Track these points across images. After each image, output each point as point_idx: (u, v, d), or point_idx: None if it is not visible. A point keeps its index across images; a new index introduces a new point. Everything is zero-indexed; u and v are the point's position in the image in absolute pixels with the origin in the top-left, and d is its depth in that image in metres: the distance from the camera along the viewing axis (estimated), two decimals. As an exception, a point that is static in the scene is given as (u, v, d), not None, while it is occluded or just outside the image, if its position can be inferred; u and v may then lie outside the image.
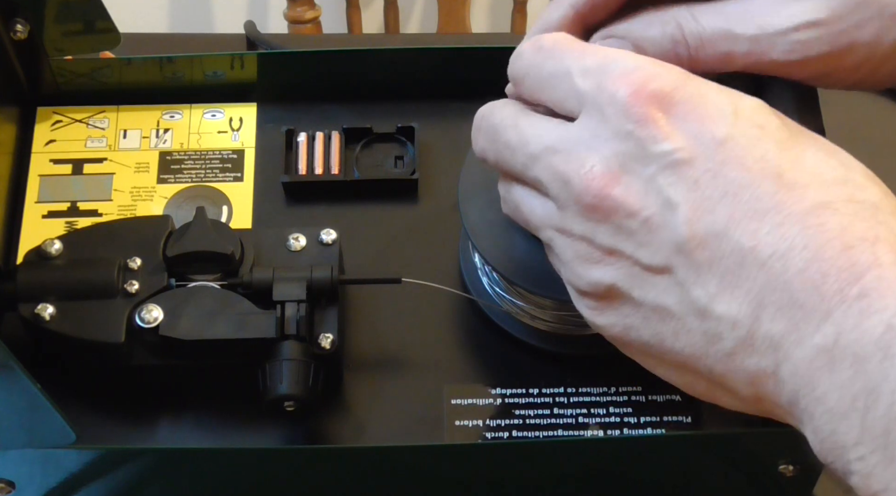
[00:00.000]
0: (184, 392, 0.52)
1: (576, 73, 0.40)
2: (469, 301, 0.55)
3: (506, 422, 0.52)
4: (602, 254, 0.39)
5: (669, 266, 0.37)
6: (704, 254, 0.36)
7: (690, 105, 0.38)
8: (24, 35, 0.56)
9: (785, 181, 0.36)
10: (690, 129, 0.37)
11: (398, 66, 0.61)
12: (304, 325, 0.49)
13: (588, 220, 0.39)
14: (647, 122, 0.37)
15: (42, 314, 0.49)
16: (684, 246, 0.37)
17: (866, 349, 0.33)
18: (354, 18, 1.38)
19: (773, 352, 0.35)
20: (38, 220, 0.57)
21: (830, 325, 0.34)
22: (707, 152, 0.37)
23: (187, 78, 0.60)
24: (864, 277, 0.34)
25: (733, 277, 0.36)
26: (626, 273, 0.39)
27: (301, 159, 0.58)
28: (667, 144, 0.37)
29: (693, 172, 0.37)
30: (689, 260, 0.37)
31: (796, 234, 0.35)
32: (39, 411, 0.45)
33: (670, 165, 0.37)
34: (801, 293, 0.34)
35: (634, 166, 0.38)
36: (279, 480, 0.52)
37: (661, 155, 0.37)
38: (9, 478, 0.50)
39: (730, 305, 0.36)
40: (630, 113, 0.38)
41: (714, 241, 0.36)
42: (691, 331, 0.37)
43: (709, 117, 0.37)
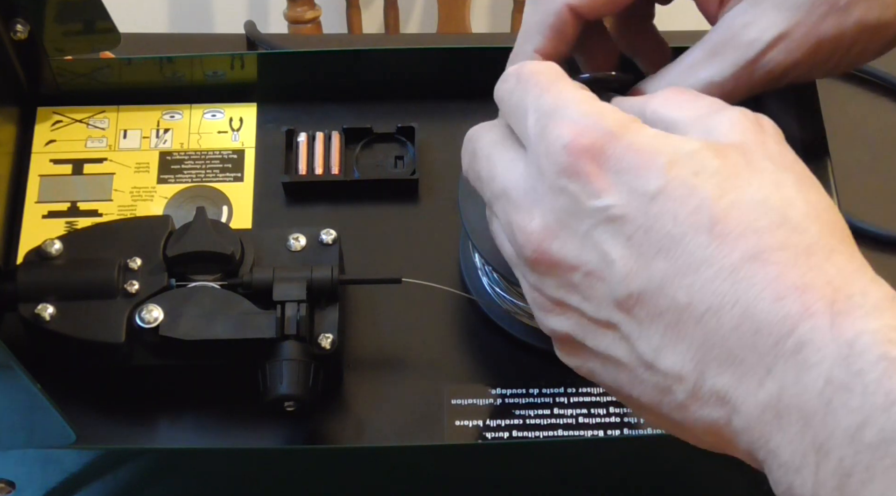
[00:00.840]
0: (184, 392, 0.52)
1: (530, 111, 0.40)
2: (469, 301, 0.55)
3: (506, 422, 0.52)
4: (553, 305, 0.39)
5: (613, 321, 0.37)
6: (644, 310, 0.36)
7: (624, 158, 0.37)
8: (24, 35, 0.56)
9: (716, 232, 0.35)
10: (624, 183, 0.37)
11: (398, 66, 0.61)
12: (304, 325, 0.49)
13: (534, 272, 0.39)
14: (580, 176, 0.37)
15: (42, 314, 0.49)
16: (624, 303, 0.37)
17: (809, 405, 0.32)
18: (354, 18, 1.38)
19: (722, 405, 0.35)
20: (38, 220, 0.57)
21: (772, 381, 0.33)
22: (640, 207, 0.36)
23: (187, 78, 0.60)
24: (798, 329, 0.33)
25: (673, 333, 0.36)
26: (577, 323, 0.39)
27: (301, 159, 0.58)
28: (600, 200, 0.37)
29: (627, 228, 0.36)
30: (630, 316, 0.37)
31: (727, 290, 0.35)
32: (39, 411, 0.45)
33: (605, 221, 0.37)
34: (738, 350, 0.34)
35: (570, 221, 0.38)
36: (279, 480, 0.52)
37: (595, 211, 0.37)
38: (9, 478, 0.50)
39: (674, 360, 0.36)
40: (564, 167, 0.38)
41: (651, 298, 0.36)
42: (644, 382, 0.37)
43: (642, 170, 0.37)
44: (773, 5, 0.45)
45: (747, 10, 0.46)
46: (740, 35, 0.46)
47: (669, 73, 0.47)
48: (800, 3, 0.45)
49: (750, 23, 0.46)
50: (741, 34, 0.46)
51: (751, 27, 0.46)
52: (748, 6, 0.46)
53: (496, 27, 1.60)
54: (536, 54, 0.47)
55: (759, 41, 0.45)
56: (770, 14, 0.45)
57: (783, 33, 0.45)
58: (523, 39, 0.48)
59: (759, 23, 0.45)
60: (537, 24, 0.48)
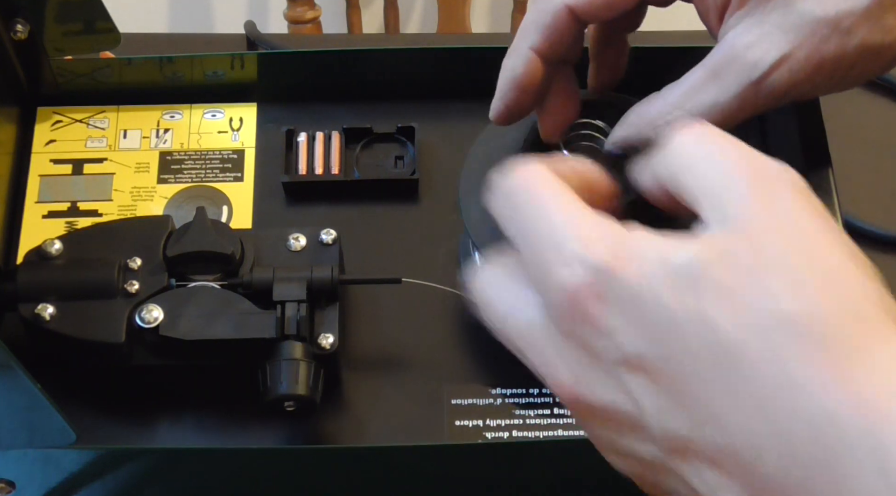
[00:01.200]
0: (184, 392, 0.52)
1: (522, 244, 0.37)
2: (469, 301, 0.54)
3: (506, 422, 0.52)
4: (611, 450, 0.38)
5: (664, 461, 0.35)
6: (679, 458, 0.34)
7: (623, 293, 0.34)
8: (24, 35, 0.56)
9: (734, 376, 0.32)
10: (631, 319, 0.34)
11: (398, 66, 0.61)
12: (304, 325, 0.49)
13: (583, 421, 0.37)
14: (586, 319, 0.35)
15: (42, 314, 0.49)
16: (670, 448, 0.35)
17: None
18: (354, 18, 1.38)
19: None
20: (38, 220, 0.57)
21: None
22: (657, 350, 0.34)
23: (187, 78, 0.60)
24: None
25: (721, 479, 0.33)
26: (639, 465, 0.37)
27: (301, 159, 0.58)
28: (611, 340, 0.34)
29: (646, 364, 0.34)
30: (671, 460, 0.35)
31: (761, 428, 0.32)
32: (39, 411, 0.45)
33: (621, 361, 0.34)
34: (789, 489, 0.31)
35: (591, 365, 0.35)
36: (279, 480, 0.52)
37: (608, 350, 0.35)
38: (9, 478, 0.50)
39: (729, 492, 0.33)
40: (567, 312, 0.35)
41: (689, 446, 0.34)
42: None
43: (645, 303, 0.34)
44: (775, 26, 0.45)
45: (750, 30, 0.46)
46: (743, 56, 0.45)
47: (671, 94, 0.47)
48: (803, 25, 0.45)
49: (752, 44, 0.45)
50: (744, 55, 0.45)
51: (753, 48, 0.45)
52: (750, 26, 0.46)
53: (496, 27, 1.60)
54: (532, 52, 0.48)
55: (762, 62, 0.45)
56: (773, 35, 0.45)
57: (786, 55, 0.45)
58: (521, 36, 0.48)
59: (762, 44, 0.45)
60: (535, 23, 0.48)
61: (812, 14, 0.45)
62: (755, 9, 0.46)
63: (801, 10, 0.45)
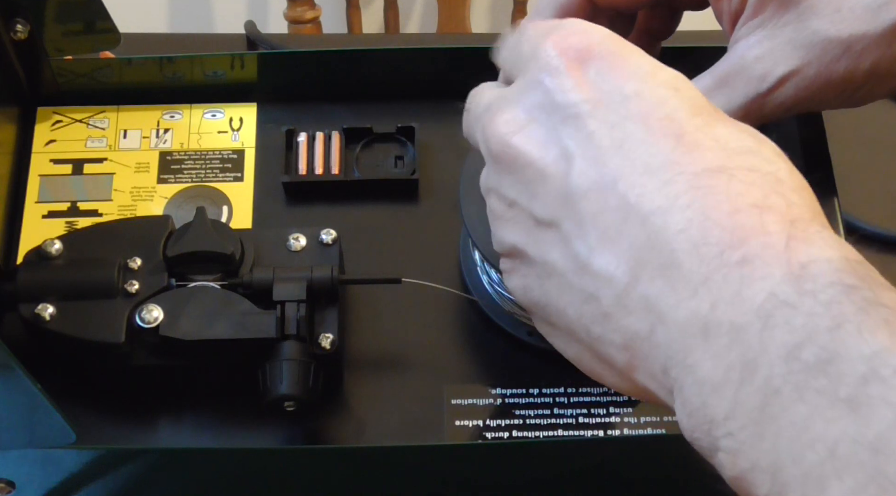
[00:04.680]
0: (184, 392, 0.52)
1: (525, 39, 0.40)
2: (469, 301, 0.55)
3: (506, 422, 0.52)
4: (506, 208, 0.39)
5: (557, 219, 0.37)
6: (589, 206, 0.36)
7: (607, 61, 0.37)
8: (24, 35, 0.56)
9: (685, 142, 0.35)
10: (601, 83, 0.37)
11: (398, 66, 0.61)
12: (304, 325, 0.49)
13: (497, 172, 0.39)
14: (560, 72, 0.37)
15: (42, 314, 0.49)
16: (571, 197, 0.36)
17: (744, 318, 0.31)
18: (354, 18, 1.38)
19: (647, 313, 0.34)
20: (38, 220, 0.57)
21: (708, 290, 0.32)
22: (611, 105, 0.36)
23: (187, 78, 0.60)
24: (748, 243, 0.32)
25: (614, 232, 0.35)
26: (524, 229, 0.39)
27: (301, 159, 0.58)
28: (572, 95, 0.37)
29: (593, 124, 0.36)
30: (574, 212, 0.36)
31: (683, 192, 0.34)
32: (39, 411, 0.45)
33: (573, 116, 0.37)
34: (679, 253, 0.33)
35: (540, 115, 0.38)
36: (279, 480, 0.52)
37: (565, 105, 0.37)
38: (9, 478, 0.50)
39: (608, 261, 0.35)
40: (546, 65, 0.38)
41: (600, 194, 0.35)
42: (572, 288, 0.37)
43: (622, 73, 0.37)
44: (787, 41, 0.45)
45: (761, 42, 0.46)
46: (752, 68, 0.46)
47: None
48: (814, 43, 0.45)
49: (762, 56, 0.46)
50: (753, 67, 0.46)
51: (763, 61, 0.46)
52: (762, 38, 0.46)
53: (496, 27, 1.60)
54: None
55: (770, 76, 0.45)
56: (784, 50, 0.45)
57: (795, 70, 0.45)
58: (535, 14, 0.49)
59: (772, 57, 0.45)
60: (550, 3, 0.48)
61: (825, 33, 0.45)
62: (768, 21, 0.46)
63: (815, 29, 0.45)
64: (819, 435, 0.29)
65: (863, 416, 0.29)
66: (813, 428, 0.29)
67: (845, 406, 0.29)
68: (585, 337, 0.37)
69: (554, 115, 0.37)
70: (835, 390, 0.29)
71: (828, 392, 0.29)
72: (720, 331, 0.32)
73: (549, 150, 0.37)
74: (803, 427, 0.30)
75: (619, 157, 0.35)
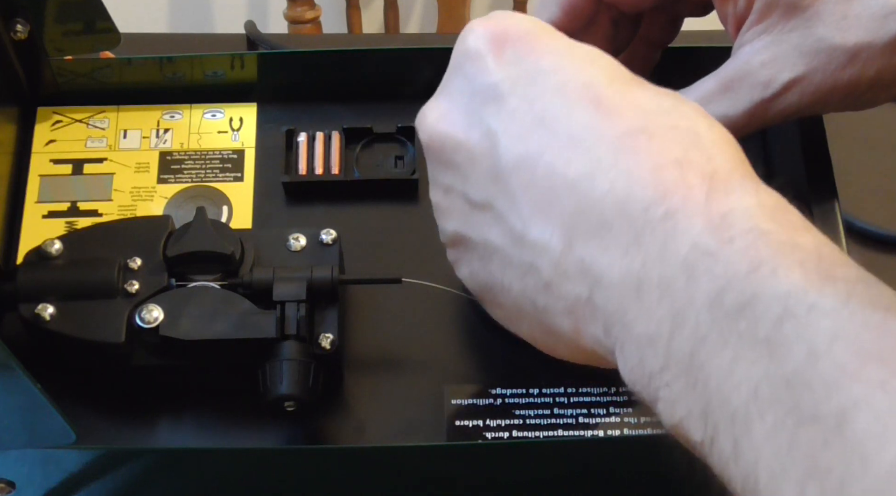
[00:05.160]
0: (184, 392, 0.52)
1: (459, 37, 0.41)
2: (469, 301, 0.54)
3: (506, 422, 0.52)
4: (443, 197, 0.40)
5: (489, 198, 0.38)
6: (518, 180, 0.36)
7: (523, 41, 0.38)
8: (24, 35, 0.56)
9: (604, 108, 0.36)
10: (518, 62, 0.38)
11: (398, 66, 0.61)
12: (304, 325, 0.49)
13: (431, 161, 0.40)
14: (477, 58, 0.39)
15: (42, 314, 0.49)
16: (500, 174, 0.37)
17: (671, 272, 0.32)
18: (354, 18, 1.38)
19: (584, 277, 0.35)
20: (38, 220, 0.57)
21: (638, 248, 0.33)
22: (530, 81, 0.37)
23: (187, 78, 0.60)
24: (671, 198, 0.33)
25: (545, 203, 0.36)
26: (461, 214, 0.39)
27: (301, 159, 0.58)
28: (491, 76, 0.38)
29: (513, 102, 0.37)
30: (505, 188, 0.37)
31: (605, 155, 0.35)
32: (39, 411, 0.45)
33: (493, 97, 0.38)
34: (608, 213, 0.34)
35: (462, 101, 0.39)
36: (279, 480, 0.52)
37: (485, 87, 0.38)
38: (9, 478, 0.50)
39: (543, 230, 0.36)
40: (465, 51, 0.39)
41: (527, 167, 0.36)
42: (512, 263, 0.37)
43: (538, 51, 0.38)
44: (792, 47, 0.45)
45: (767, 48, 0.46)
46: (756, 74, 0.46)
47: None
48: (820, 50, 0.45)
49: (767, 62, 0.45)
50: (757, 73, 0.46)
51: (768, 67, 0.45)
52: (768, 43, 0.46)
53: (496, 27, 1.60)
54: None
55: (775, 82, 0.45)
56: (789, 56, 0.45)
57: (800, 77, 0.45)
58: (540, 7, 0.49)
59: (777, 63, 0.45)
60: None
61: (831, 41, 0.45)
62: (774, 26, 0.46)
63: (821, 36, 0.45)
64: (743, 377, 0.30)
65: (779, 355, 0.29)
66: (737, 371, 0.30)
67: (764, 346, 0.30)
68: (532, 310, 0.38)
69: (475, 98, 0.38)
70: (754, 332, 0.30)
71: (748, 334, 0.30)
72: (651, 286, 0.33)
73: (474, 131, 0.38)
74: (729, 371, 0.30)
75: (542, 129, 0.36)
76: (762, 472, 0.29)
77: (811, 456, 0.28)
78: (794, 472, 0.28)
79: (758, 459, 0.29)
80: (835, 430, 0.28)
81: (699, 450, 0.33)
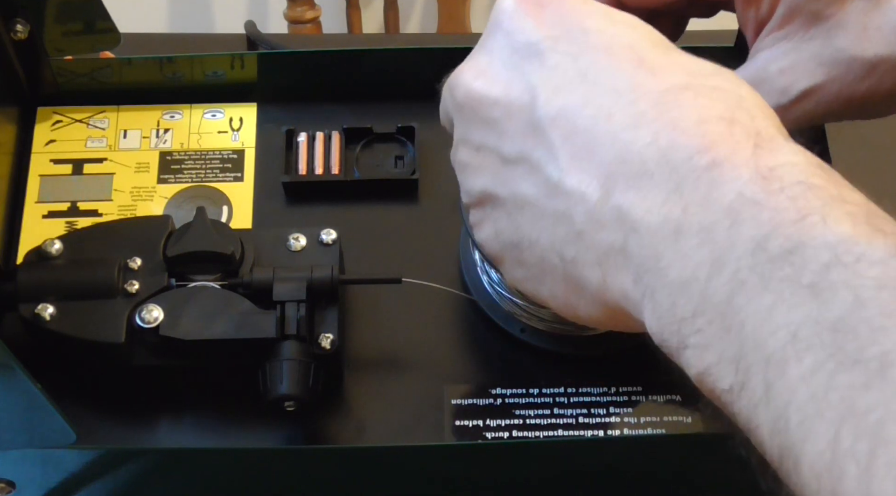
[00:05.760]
0: (184, 392, 0.52)
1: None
2: (469, 301, 0.55)
3: (506, 422, 0.52)
4: (474, 156, 0.40)
5: (526, 150, 0.38)
6: (557, 131, 0.37)
7: (564, 3, 0.39)
8: (24, 35, 0.56)
9: (647, 65, 0.36)
10: (559, 22, 0.38)
11: (398, 66, 0.61)
12: (304, 325, 0.49)
13: (464, 120, 0.40)
14: (518, 16, 0.39)
15: (42, 314, 0.49)
16: (539, 125, 0.37)
17: (713, 217, 0.32)
18: (354, 18, 1.38)
19: (620, 224, 0.35)
20: (38, 220, 0.57)
21: (679, 195, 0.33)
22: (572, 40, 0.38)
23: (187, 78, 0.60)
24: (716, 149, 0.33)
25: (585, 152, 0.36)
26: (492, 171, 0.39)
27: (301, 159, 0.58)
28: (533, 33, 0.38)
29: (555, 58, 0.37)
30: (543, 139, 0.37)
31: (649, 109, 0.35)
32: (39, 411, 0.45)
33: (535, 54, 0.38)
34: (650, 162, 0.34)
35: (502, 57, 0.39)
36: (279, 480, 0.52)
37: (526, 43, 0.38)
38: (9, 478, 0.50)
39: (580, 179, 0.36)
40: (504, 11, 0.39)
41: (567, 119, 0.36)
42: (544, 213, 0.37)
43: (580, 13, 0.38)
44: (811, 56, 0.45)
45: (786, 55, 0.46)
46: (774, 80, 0.46)
47: None
48: (839, 61, 0.45)
49: (785, 69, 0.45)
50: (775, 79, 0.46)
51: (786, 74, 0.45)
52: (787, 50, 0.46)
53: (496, 27, 1.60)
54: None
55: (791, 90, 0.45)
56: (807, 65, 0.45)
57: (817, 87, 0.45)
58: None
59: (795, 71, 0.45)
60: None
61: (850, 52, 0.45)
62: (794, 34, 0.46)
63: (841, 47, 0.45)
64: (782, 321, 0.30)
65: (824, 300, 0.30)
66: (776, 314, 0.30)
67: (808, 291, 0.30)
68: (559, 263, 0.38)
69: (515, 55, 0.38)
70: (798, 277, 0.30)
71: (792, 279, 0.30)
72: (690, 232, 0.33)
73: (514, 86, 0.38)
74: (767, 315, 0.31)
75: (585, 83, 0.36)
76: (794, 415, 0.30)
77: (849, 398, 0.28)
78: (830, 413, 0.29)
79: (790, 401, 0.30)
80: (877, 374, 0.28)
81: (724, 398, 0.32)
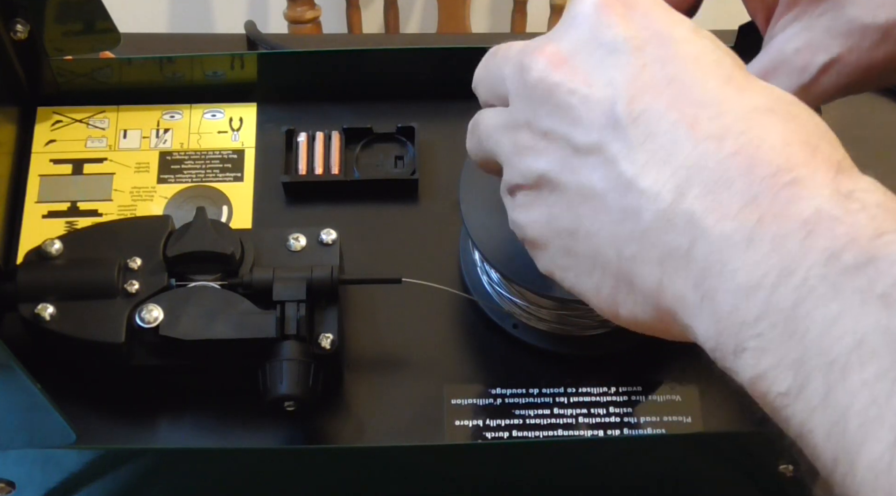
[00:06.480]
0: (184, 392, 0.52)
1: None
2: (469, 301, 0.55)
3: (506, 422, 0.52)
4: (538, 139, 0.40)
5: (601, 142, 0.37)
6: (638, 131, 0.37)
7: (652, 9, 0.39)
8: (24, 35, 0.56)
9: (734, 83, 0.37)
10: (648, 25, 0.38)
11: (398, 66, 0.61)
12: (304, 325, 0.49)
13: (532, 102, 0.40)
14: (606, 12, 0.39)
15: (42, 314, 0.49)
16: (620, 121, 0.37)
17: (788, 228, 0.33)
18: (354, 18, 1.38)
19: (690, 228, 0.35)
20: (38, 220, 0.57)
21: (756, 206, 0.34)
22: (661, 45, 0.38)
23: (187, 78, 0.60)
24: (800, 169, 0.34)
25: (665, 154, 0.36)
26: (558, 157, 0.39)
27: (301, 159, 0.58)
28: (620, 31, 0.38)
29: (642, 59, 0.37)
30: (623, 135, 0.37)
31: (735, 124, 0.35)
32: (39, 411, 0.45)
33: (621, 51, 0.38)
34: (732, 174, 0.34)
35: (585, 50, 0.39)
36: (279, 480, 0.52)
37: (612, 40, 0.38)
38: (9, 478, 0.50)
39: (656, 179, 0.36)
40: (594, 5, 0.39)
41: (650, 120, 0.36)
42: (611, 208, 0.37)
43: (667, 21, 0.38)
44: (824, 30, 0.45)
45: (799, 34, 0.46)
46: (792, 60, 0.46)
47: None
48: (853, 30, 0.45)
49: (801, 48, 0.46)
50: (793, 60, 0.46)
51: (802, 52, 0.46)
52: (800, 30, 0.46)
53: (496, 27, 1.60)
54: None
55: (811, 66, 0.46)
56: (822, 39, 0.45)
57: (836, 58, 0.45)
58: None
59: (811, 48, 0.46)
60: None
61: (862, 20, 0.45)
62: (803, 13, 0.46)
63: (852, 16, 0.45)
64: (849, 328, 0.31)
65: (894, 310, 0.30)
66: (843, 322, 0.31)
67: (879, 301, 0.31)
68: (615, 258, 0.38)
69: (601, 49, 0.38)
70: (871, 288, 0.31)
71: (863, 289, 0.31)
72: (762, 241, 0.33)
73: (596, 79, 0.38)
74: (833, 322, 0.31)
75: (672, 89, 0.37)
76: (853, 419, 0.30)
77: None
78: (891, 418, 0.29)
79: (850, 405, 0.30)
80: None
81: (778, 402, 0.33)
